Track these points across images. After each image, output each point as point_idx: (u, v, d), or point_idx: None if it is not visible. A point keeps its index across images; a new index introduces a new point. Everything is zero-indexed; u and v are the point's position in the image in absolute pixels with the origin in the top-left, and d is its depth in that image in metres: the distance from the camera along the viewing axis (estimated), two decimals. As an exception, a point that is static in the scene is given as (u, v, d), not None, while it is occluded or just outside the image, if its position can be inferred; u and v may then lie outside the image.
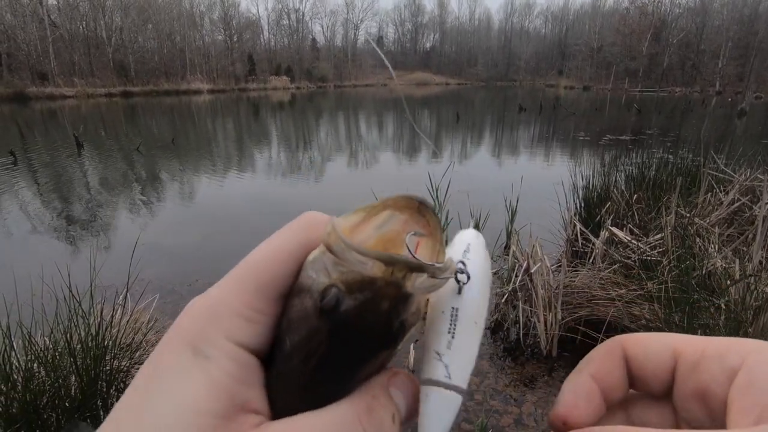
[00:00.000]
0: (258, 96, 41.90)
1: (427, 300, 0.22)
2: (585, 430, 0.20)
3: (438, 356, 0.21)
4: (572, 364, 0.19)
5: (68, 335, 1.86)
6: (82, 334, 1.93)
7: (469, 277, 0.22)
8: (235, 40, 62.39)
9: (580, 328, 2.55)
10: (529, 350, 2.71)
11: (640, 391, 0.24)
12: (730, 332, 2.04)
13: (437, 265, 0.19)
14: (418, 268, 0.19)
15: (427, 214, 0.21)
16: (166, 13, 52.32)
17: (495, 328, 2.92)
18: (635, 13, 63.11)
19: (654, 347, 0.23)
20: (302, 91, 52.61)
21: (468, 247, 0.23)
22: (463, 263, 0.22)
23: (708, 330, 2.09)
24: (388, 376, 0.21)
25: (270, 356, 0.20)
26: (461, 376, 0.21)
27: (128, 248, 2.37)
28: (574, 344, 2.60)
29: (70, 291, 1.98)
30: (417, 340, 2.77)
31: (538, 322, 2.62)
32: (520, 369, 2.57)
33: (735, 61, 54.01)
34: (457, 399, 0.21)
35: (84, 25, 45.38)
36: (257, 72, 60.47)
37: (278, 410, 0.19)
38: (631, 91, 52.64)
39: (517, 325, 2.78)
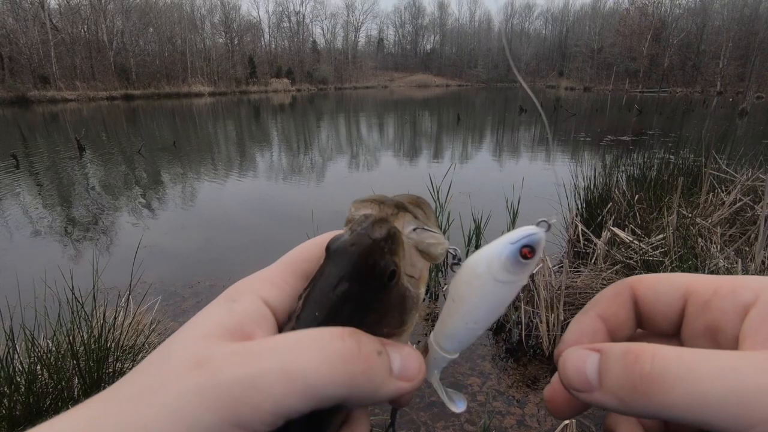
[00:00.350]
0: (259, 98, 41.98)
1: (428, 276, 0.25)
2: (580, 346, 0.22)
3: (469, 325, 0.25)
4: None
5: (71, 337, 1.86)
6: (85, 336, 1.94)
7: (458, 261, 0.24)
8: (236, 42, 62.56)
9: (583, 328, 2.55)
10: (532, 351, 2.71)
11: (649, 330, 0.25)
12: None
13: (419, 215, 0.24)
14: (402, 206, 0.24)
15: (424, 206, 0.25)
16: (167, 17, 52.50)
17: (497, 330, 2.92)
18: (635, 13, 63.16)
19: (664, 288, 0.24)
20: (303, 94, 52.69)
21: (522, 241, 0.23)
22: (455, 250, 0.25)
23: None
24: (397, 342, 0.24)
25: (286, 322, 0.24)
26: (444, 341, 0.26)
27: (130, 251, 2.38)
28: (577, 345, 2.59)
29: (73, 293, 1.99)
30: (419, 341, 2.77)
31: (540, 323, 2.61)
32: (522, 370, 2.56)
33: (736, 61, 53.99)
34: (441, 356, 0.26)
35: (85, 29, 45.55)
36: (258, 74, 60.61)
37: None
38: (631, 92, 52.63)
39: (519, 326, 2.77)
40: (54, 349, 1.89)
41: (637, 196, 3.98)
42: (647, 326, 0.25)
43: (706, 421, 0.18)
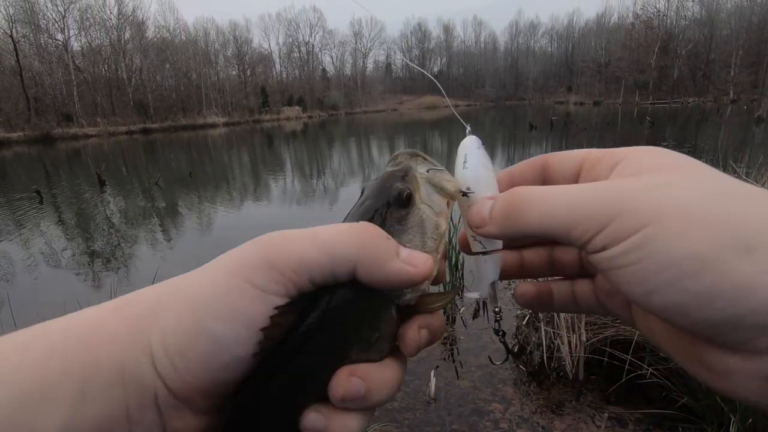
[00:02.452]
0: (272, 126, 42.93)
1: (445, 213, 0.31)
2: (485, 197, 0.31)
3: (473, 238, 0.33)
4: (600, 388, 0.20)
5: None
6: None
7: (470, 189, 0.32)
8: (248, 74, 64.59)
9: (607, 349, 2.46)
10: (555, 374, 2.61)
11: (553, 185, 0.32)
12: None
13: (432, 161, 0.32)
14: (416, 154, 0.32)
15: (424, 155, 0.32)
16: (183, 53, 54.66)
17: (518, 352, 2.84)
18: (641, 27, 63.38)
19: (567, 157, 0.32)
20: (314, 120, 53.75)
21: (465, 157, 0.33)
22: (468, 188, 0.32)
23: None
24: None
25: None
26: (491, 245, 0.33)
27: (148, 281, 2.40)
28: (602, 366, 2.50)
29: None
30: (437, 367, 2.70)
31: (562, 344, 2.53)
32: (546, 394, 2.47)
33: (747, 68, 53.42)
34: (500, 256, 0.33)
35: (106, 68, 47.64)
36: (270, 103, 62.19)
37: None
38: (642, 104, 52.32)
39: (541, 348, 2.69)
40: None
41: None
42: (554, 183, 0.33)
43: (550, 233, 0.26)
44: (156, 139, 31.18)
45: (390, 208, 0.29)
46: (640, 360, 2.29)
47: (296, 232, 0.26)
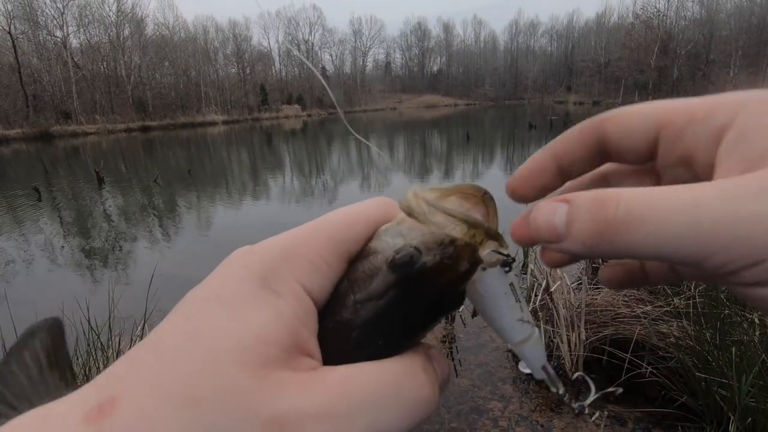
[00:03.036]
0: (271, 125, 42.89)
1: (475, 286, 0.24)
2: (551, 199, 0.21)
3: (521, 321, 0.25)
4: (600, 386, 0.19)
5: (86, 369, 1.86)
6: (101, 367, 1.93)
7: (514, 259, 0.24)
8: (247, 72, 64.50)
9: (606, 348, 2.46)
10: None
11: (622, 163, 0.25)
12: (767, 349, 1.94)
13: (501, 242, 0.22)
14: (495, 235, 0.21)
15: (489, 204, 0.23)
16: (182, 50, 54.55)
17: (517, 350, 2.83)
18: (640, 27, 63.39)
19: (635, 122, 0.23)
20: (314, 118, 53.71)
21: None
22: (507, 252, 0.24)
23: (743, 346, 1.99)
24: (426, 349, 0.21)
25: (323, 311, 0.20)
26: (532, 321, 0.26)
27: (147, 280, 2.39)
28: (601, 365, 2.50)
29: (89, 324, 2.00)
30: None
31: (561, 342, 2.53)
32: (545, 393, 2.47)
33: (746, 69, 53.51)
34: (539, 335, 0.26)
35: (105, 65, 47.52)
36: (270, 101, 62.13)
37: (325, 362, 0.19)
38: (642, 104, 52.21)
39: (540, 347, 2.69)
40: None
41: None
42: (620, 161, 0.25)
43: (668, 257, 0.18)
44: (155, 137, 31.14)
45: (442, 313, 0.22)
46: (640, 359, 2.29)
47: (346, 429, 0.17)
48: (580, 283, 2.72)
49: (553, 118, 24.92)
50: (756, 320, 2.09)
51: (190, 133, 34.86)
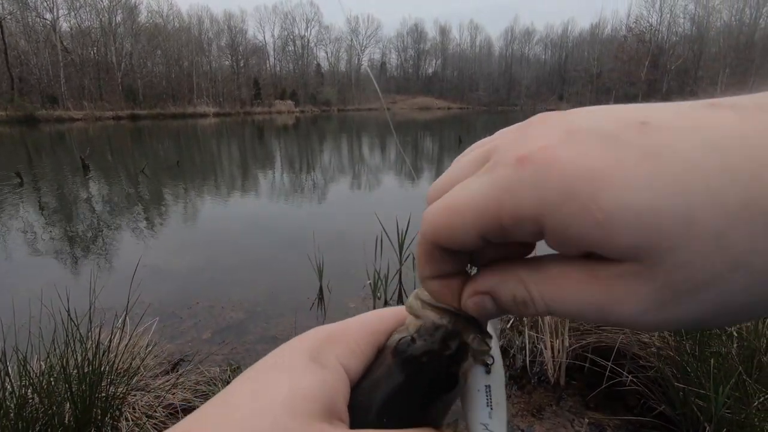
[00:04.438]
0: (263, 119, 42.57)
1: (466, 376, 0.26)
2: (474, 294, 0.23)
3: (484, 427, 0.25)
4: (581, 393, 0.20)
5: (64, 360, 1.82)
6: (79, 358, 1.89)
7: (493, 360, 0.26)
8: (241, 65, 63.90)
9: (588, 355, 2.49)
10: (536, 378, 2.64)
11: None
12: (744, 360, 1.98)
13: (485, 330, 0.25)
14: (475, 323, 0.24)
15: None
16: (175, 40, 53.81)
17: (501, 355, 2.85)
18: (633, 40, 64.49)
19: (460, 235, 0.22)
20: (306, 115, 53.46)
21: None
22: (492, 356, 0.26)
23: (721, 358, 2.03)
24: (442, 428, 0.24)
25: (354, 388, 0.24)
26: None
27: (130, 270, 2.35)
28: (583, 372, 2.53)
29: (68, 314, 1.95)
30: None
31: (545, 349, 2.55)
32: (527, 398, 2.49)
33: (733, 87, 54.81)
34: None
35: (95, 51, 46.64)
36: (263, 96, 61.66)
37: (352, 428, 0.22)
38: (631, 116, 53.03)
39: (523, 352, 2.71)
40: (47, 372, 1.85)
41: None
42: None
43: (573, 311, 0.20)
44: (144, 126, 30.65)
45: (437, 396, 0.25)
46: (621, 367, 2.32)
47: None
48: (566, 291, 2.74)
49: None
50: (734, 333, 2.13)
51: (181, 124, 34.40)
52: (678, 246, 0.16)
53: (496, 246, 0.22)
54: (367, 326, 0.25)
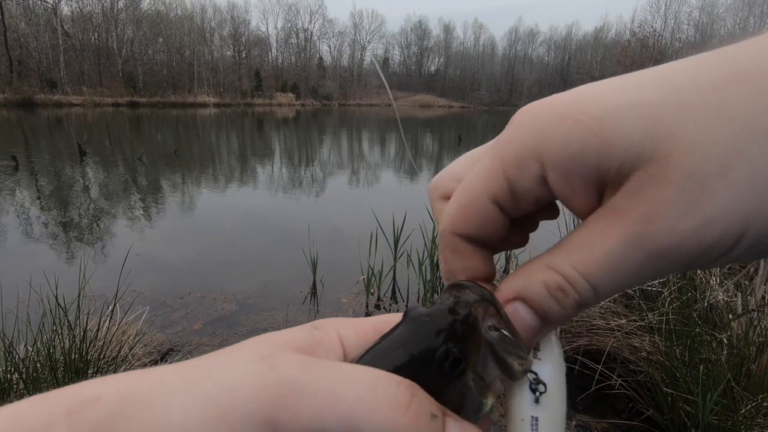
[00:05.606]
0: (263, 111, 42.40)
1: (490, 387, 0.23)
2: (507, 302, 0.22)
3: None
4: (569, 396, 0.19)
5: (50, 347, 1.80)
6: (66, 345, 1.87)
7: (545, 387, 0.22)
8: (243, 56, 63.54)
9: (579, 358, 2.49)
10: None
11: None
12: (733, 368, 1.98)
13: (501, 313, 0.22)
14: (491, 300, 0.22)
15: (499, 304, 0.23)
16: (178, 28, 53.43)
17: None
18: (636, 45, 64.46)
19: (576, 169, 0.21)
20: (307, 108, 53.27)
21: (537, 344, 0.23)
22: (535, 373, 0.22)
23: (710, 365, 2.03)
24: (439, 408, 0.21)
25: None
26: None
27: (122, 258, 2.33)
28: (572, 374, 2.53)
29: (57, 300, 1.93)
30: None
31: (536, 350, 2.55)
32: (516, 398, 2.49)
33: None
34: None
35: (96, 36, 46.26)
36: (264, 88, 61.38)
37: None
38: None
39: (514, 353, 2.71)
40: (33, 357, 1.83)
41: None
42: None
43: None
44: (143, 114, 30.47)
45: (430, 369, 0.21)
46: (611, 371, 2.33)
47: (312, 379, 0.19)
48: (559, 293, 2.74)
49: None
50: (725, 340, 2.14)
51: (180, 112, 34.20)
52: (679, 130, 0.16)
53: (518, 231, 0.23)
54: (376, 318, 0.25)
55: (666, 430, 2.05)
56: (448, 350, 0.21)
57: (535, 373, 0.22)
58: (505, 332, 0.22)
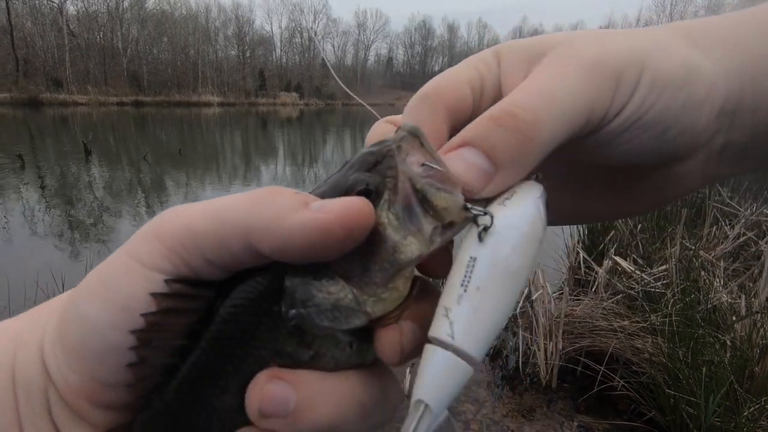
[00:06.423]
0: (267, 110, 42.49)
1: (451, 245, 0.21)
2: (448, 152, 0.22)
3: (445, 311, 0.18)
4: (572, 396, 0.18)
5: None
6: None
7: (492, 221, 0.19)
8: (247, 55, 63.71)
9: (581, 359, 2.49)
10: (528, 379, 2.64)
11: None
12: (736, 370, 1.98)
13: (427, 147, 0.20)
14: (413, 133, 0.21)
15: (425, 139, 0.22)
16: (182, 27, 53.64)
17: (494, 355, 2.86)
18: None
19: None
20: (311, 108, 53.36)
21: (512, 194, 0.20)
22: (484, 214, 0.19)
23: (713, 366, 2.03)
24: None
25: None
26: (469, 340, 0.18)
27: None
28: (575, 375, 2.53)
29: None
30: (413, 363, 2.70)
31: (538, 350, 2.55)
32: (518, 399, 2.49)
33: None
34: (459, 365, 0.18)
35: (101, 36, 46.51)
36: (267, 87, 61.52)
37: None
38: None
39: (517, 353, 2.71)
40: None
41: (639, 225, 3.94)
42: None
43: (572, 130, 0.21)
44: (147, 113, 30.60)
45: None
46: (613, 372, 2.32)
47: (193, 204, 0.21)
48: (561, 294, 2.75)
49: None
50: (728, 342, 2.13)
51: (184, 112, 34.33)
52: (647, 62, 0.22)
53: None
54: None
55: (668, 430, 2.05)
56: (356, 180, 0.20)
57: (485, 214, 0.19)
58: (436, 166, 0.20)
